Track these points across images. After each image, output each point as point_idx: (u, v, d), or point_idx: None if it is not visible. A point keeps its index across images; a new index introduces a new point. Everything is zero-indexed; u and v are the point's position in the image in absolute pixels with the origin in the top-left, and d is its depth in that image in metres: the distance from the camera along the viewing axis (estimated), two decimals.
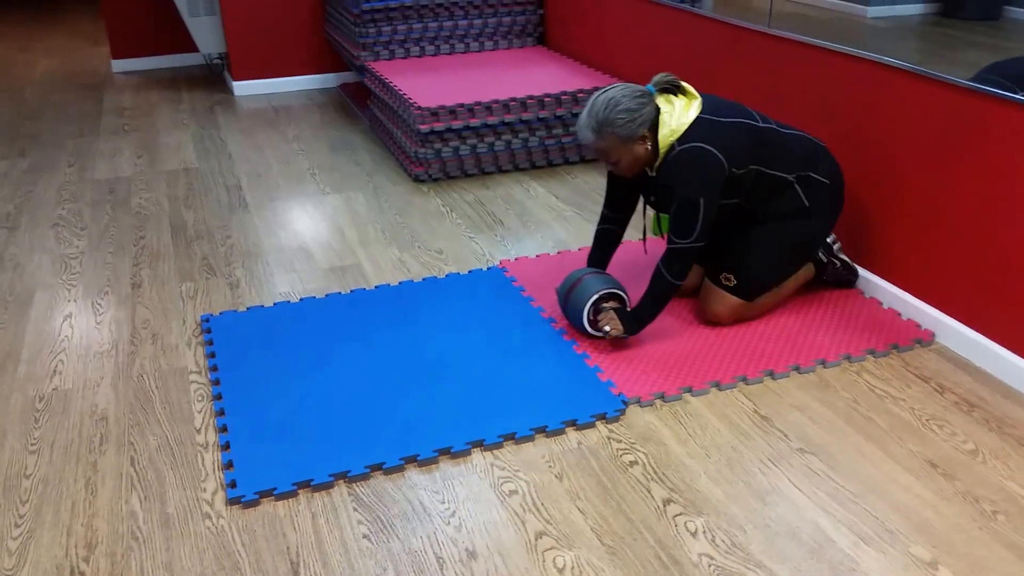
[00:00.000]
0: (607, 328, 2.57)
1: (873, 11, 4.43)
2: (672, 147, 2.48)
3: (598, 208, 3.66)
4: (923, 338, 2.66)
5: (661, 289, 2.54)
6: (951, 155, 2.50)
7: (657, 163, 2.53)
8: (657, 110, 2.49)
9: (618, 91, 2.48)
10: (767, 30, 3.12)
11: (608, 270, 2.94)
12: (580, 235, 3.48)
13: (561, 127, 4.03)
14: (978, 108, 2.40)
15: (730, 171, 2.50)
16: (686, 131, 2.47)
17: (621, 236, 2.82)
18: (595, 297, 2.61)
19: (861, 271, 2.92)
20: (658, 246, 3.23)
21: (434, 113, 3.82)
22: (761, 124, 2.60)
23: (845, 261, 2.86)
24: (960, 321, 2.60)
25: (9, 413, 2.52)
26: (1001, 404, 2.40)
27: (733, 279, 2.66)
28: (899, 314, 2.78)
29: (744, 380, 2.51)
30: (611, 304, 2.63)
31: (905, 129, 2.65)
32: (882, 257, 2.83)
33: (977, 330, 2.55)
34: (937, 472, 2.16)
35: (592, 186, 3.93)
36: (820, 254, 2.84)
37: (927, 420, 2.34)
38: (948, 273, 2.59)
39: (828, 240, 2.85)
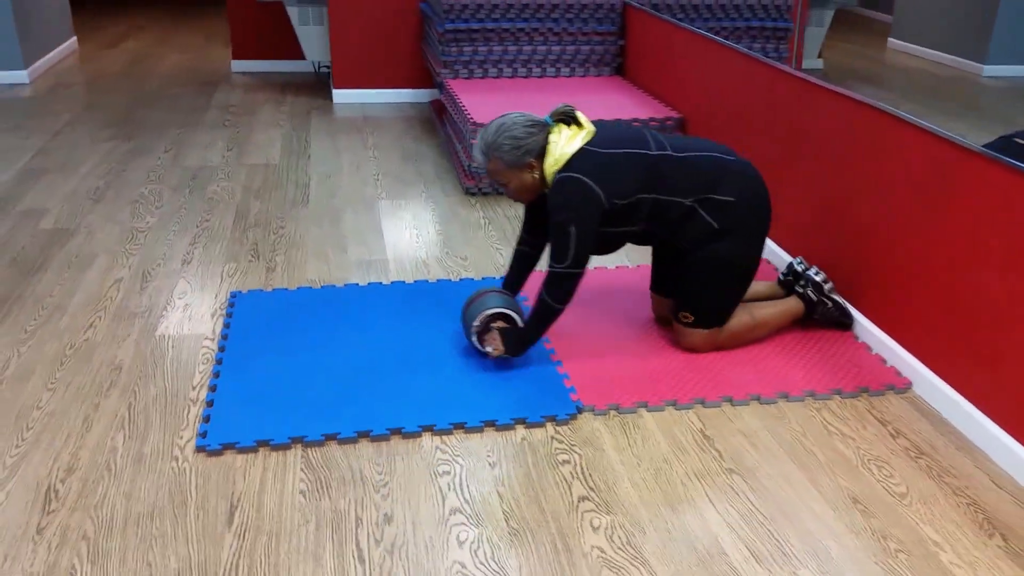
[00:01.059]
0: (490, 348, 2.68)
1: (990, 69, 4.36)
2: (555, 176, 2.59)
3: None
4: (898, 385, 2.66)
5: (543, 312, 2.62)
6: (939, 210, 2.52)
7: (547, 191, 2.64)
8: (547, 140, 2.60)
9: (512, 118, 2.61)
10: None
11: (592, 295, 3.06)
12: (625, 254, 3.59)
13: None
14: (968, 164, 2.42)
15: (611, 202, 2.55)
16: (568, 161, 2.56)
17: (537, 259, 2.91)
18: (485, 314, 2.70)
19: (857, 315, 2.94)
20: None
21: None
22: (654, 153, 2.62)
23: (837, 302, 2.89)
24: (935, 372, 2.60)
25: (42, 355, 2.85)
26: (951, 455, 2.40)
27: (690, 315, 2.75)
28: (883, 360, 2.79)
29: (702, 402, 2.58)
30: (498, 324, 2.72)
31: (900, 179, 2.67)
32: (875, 303, 2.84)
33: (949, 383, 2.55)
34: (856, 508, 2.19)
35: None
36: (809, 292, 2.88)
37: (868, 460, 2.37)
38: (929, 325, 2.60)
39: (819, 279, 2.88)
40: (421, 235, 3.79)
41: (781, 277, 3.00)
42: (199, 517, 2.15)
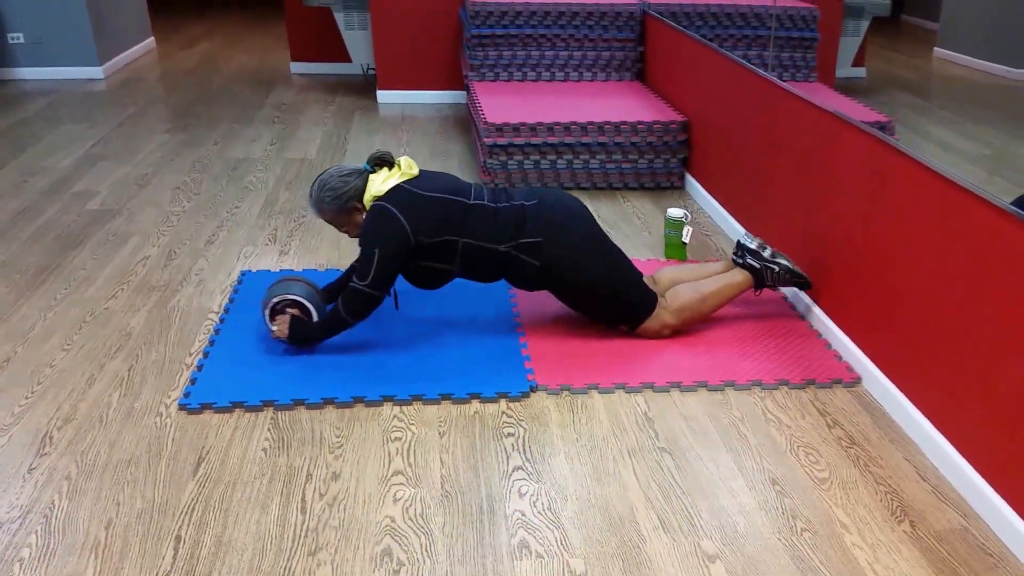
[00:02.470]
0: (275, 328, 2.87)
1: None
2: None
3: (635, 230, 3.92)
4: (846, 379, 2.76)
5: (334, 320, 2.81)
6: (883, 212, 2.61)
7: None
8: (366, 183, 2.81)
9: (328, 173, 2.84)
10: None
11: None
12: None
13: (620, 153, 4.31)
14: (902, 165, 2.51)
15: (418, 238, 2.74)
16: (382, 196, 2.78)
17: None
18: (284, 297, 2.86)
19: (818, 311, 3.03)
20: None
21: (499, 128, 4.21)
22: (471, 201, 2.82)
23: (784, 264, 2.98)
24: (881, 369, 2.69)
25: (65, 320, 3.14)
26: (883, 447, 2.48)
27: (625, 326, 2.97)
28: (839, 356, 2.88)
29: (651, 387, 2.72)
30: (294, 311, 2.87)
31: (849, 180, 2.76)
32: (834, 301, 2.93)
33: (891, 379, 2.63)
34: (774, 489, 2.31)
35: (638, 211, 4.17)
36: (751, 260, 2.98)
37: (798, 447, 2.48)
38: (878, 323, 2.68)
39: (753, 246, 2.99)
40: None
41: (733, 258, 3.10)
42: (168, 466, 2.39)
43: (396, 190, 2.79)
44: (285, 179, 4.62)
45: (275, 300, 2.88)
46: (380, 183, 2.81)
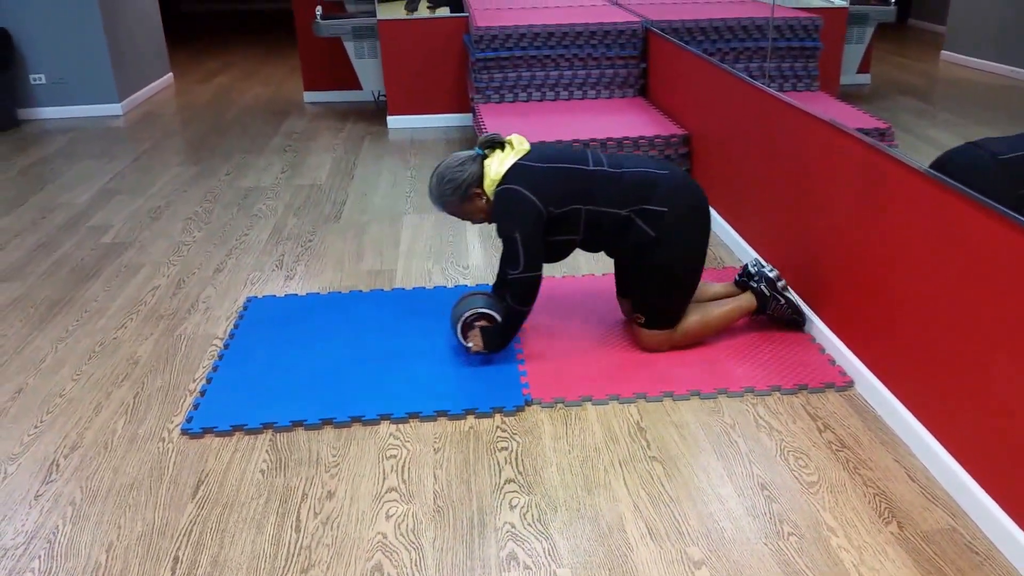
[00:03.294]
0: (470, 344, 2.91)
1: None
2: (494, 191, 2.83)
3: None
4: (838, 384, 2.76)
5: (509, 315, 2.86)
6: (878, 220, 2.63)
7: None
8: (482, 168, 2.84)
9: (443, 167, 2.87)
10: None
11: (561, 300, 3.25)
12: (596, 263, 3.78)
13: None
14: (902, 176, 2.53)
15: (548, 210, 2.77)
16: (503, 176, 2.80)
17: None
18: (469, 313, 2.93)
19: (812, 316, 3.04)
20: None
21: None
22: (591, 167, 2.83)
23: (790, 299, 3.01)
24: (874, 372, 2.69)
25: (76, 350, 3.23)
26: (874, 449, 2.49)
27: (643, 317, 2.93)
28: (832, 360, 2.89)
29: (644, 397, 2.75)
30: (482, 323, 2.94)
31: (845, 188, 2.78)
32: (827, 305, 2.94)
33: (884, 382, 2.64)
34: (763, 494, 2.32)
35: None
36: (763, 287, 3.00)
37: (788, 452, 2.49)
38: (871, 327, 2.69)
39: (772, 276, 3.01)
40: (432, 246, 4.06)
41: (737, 279, 3.13)
42: (169, 489, 2.45)
43: (515, 168, 2.81)
44: (294, 206, 4.71)
45: (465, 316, 2.94)
46: (497, 165, 2.83)
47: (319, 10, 6.32)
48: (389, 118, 6.25)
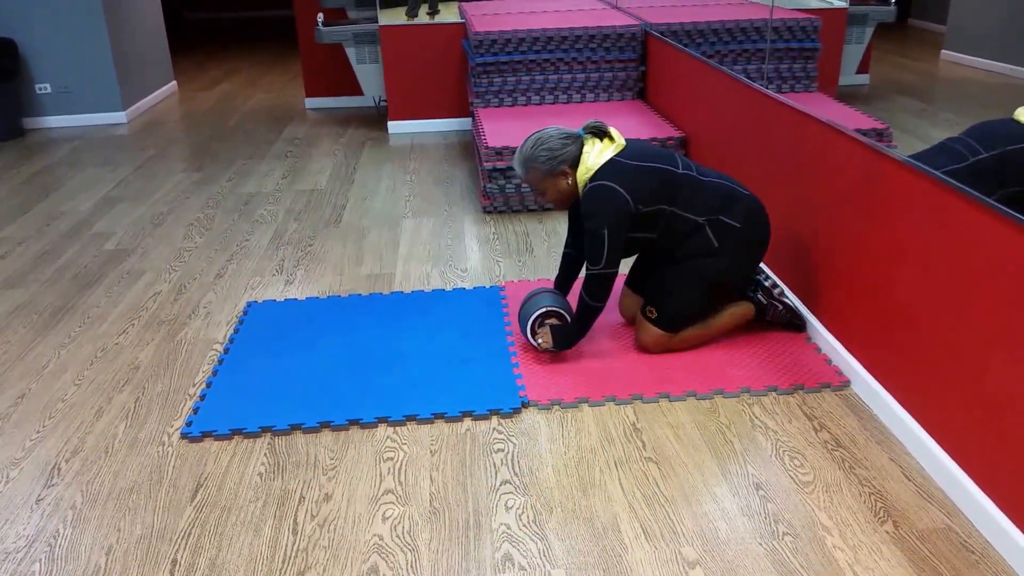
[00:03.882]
0: (540, 341, 2.92)
1: None
2: (586, 184, 2.81)
3: None
4: (835, 383, 2.77)
5: (584, 311, 2.87)
6: (873, 220, 2.64)
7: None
8: (580, 151, 2.82)
9: (548, 132, 2.85)
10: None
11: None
12: None
13: None
14: (897, 174, 2.54)
15: (636, 208, 2.78)
16: (598, 170, 2.80)
17: (582, 260, 3.14)
18: (539, 312, 2.96)
19: (810, 317, 3.05)
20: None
21: (498, 153, 4.29)
22: (680, 171, 2.86)
23: (787, 304, 3.02)
24: (870, 372, 2.70)
25: (77, 356, 3.25)
26: (870, 448, 2.50)
27: (655, 312, 2.92)
28: (828, 360, 2.90)
29: (640, 398, 2.76)
30: (552, 321, 2.97)
31: (842, 189, 2.79)
32: (824, 305, 2.95)
33: (880, 381, 2.64)
34: (757, 494, 2.33)
35: None
36: (760, 296, 3.01)
37: (783, 451, 2.50)
38: (867, 326, 2.69)
39: (767, 284, 3.02)
40: (431, 250, 4.08)
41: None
42: (168, 493, 2.46)
43: (611, 164, 2.82)
44: (295, 210, 4.73)
45: (535, 315, 2.96)
46: (595, 156, 2.84)
47: (321, 17, 6.35)
48: (390, 123, 6.28)
